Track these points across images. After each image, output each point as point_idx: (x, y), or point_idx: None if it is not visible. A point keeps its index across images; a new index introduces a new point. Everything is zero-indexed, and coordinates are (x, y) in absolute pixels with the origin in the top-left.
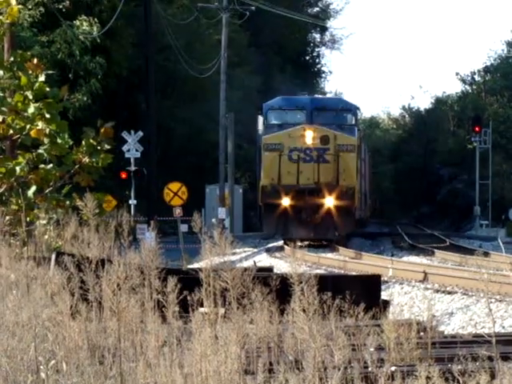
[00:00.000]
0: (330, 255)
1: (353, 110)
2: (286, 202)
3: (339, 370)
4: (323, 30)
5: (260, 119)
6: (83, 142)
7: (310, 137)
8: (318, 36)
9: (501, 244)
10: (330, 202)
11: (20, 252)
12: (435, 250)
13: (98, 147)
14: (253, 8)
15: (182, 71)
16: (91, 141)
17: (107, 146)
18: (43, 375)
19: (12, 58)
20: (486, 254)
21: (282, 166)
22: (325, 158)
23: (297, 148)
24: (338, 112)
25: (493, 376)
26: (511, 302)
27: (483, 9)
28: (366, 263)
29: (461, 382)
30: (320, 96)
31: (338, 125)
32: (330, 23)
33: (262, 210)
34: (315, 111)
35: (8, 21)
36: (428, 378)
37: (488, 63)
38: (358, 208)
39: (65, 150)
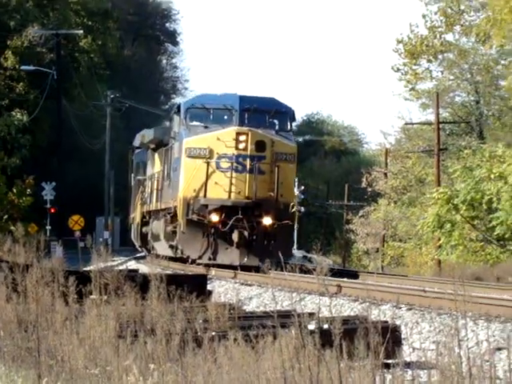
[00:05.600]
0: (177, 263)
1: (289, 112)
2: (213, 219)
3: (178, 334)
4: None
5: (176, 119)
6: (14, 189)
7: (242, 141)
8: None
9: None
10: (267, 221)
11: None
12: None
13: (25, 192)
14: (127, 104)
15: (82, 143)
16: (20, 188)
17: (29, 192)
18: None
19: None
20: None
21: (210, 176)
22: (260, 168)
23: (227, 155)
24: (272, 114)
25: (275, 337)
26: (288, 290)
27: None
28: (197, 268)
29: (254, 342)
30: (249, 95)
31: (273, 129)
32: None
33: (180, 228)
34: (245, 112)
35: None
36: (235, 339)
37: None
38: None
39: (2, 195)
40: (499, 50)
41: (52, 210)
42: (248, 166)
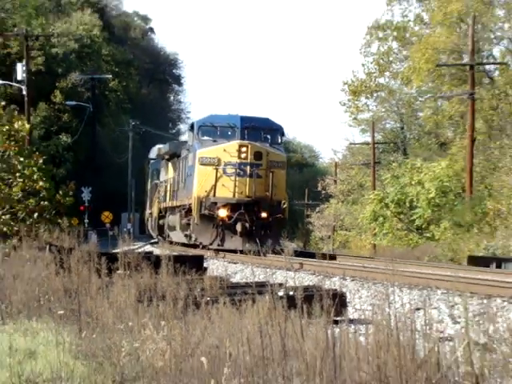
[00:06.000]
0: (187, 247)
1: (280, 129)
2: (221, 214)
3: (182, 299)
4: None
5: (190, 135)
6: (60, 192)
7: (244, 152)
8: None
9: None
10: (264, 215)
11: (31, 244)
12: None
13: (68, 194)
14: (144, 130)
15: (110, 158)
16: (64, 191)
17: (71, 194)
18: (42, 302)
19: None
20: None
21: (218, 179)
22: (258, 173)
23: (231, 163)
24: (266, 131)
25: (254, 301)
26: (263, 267)
27: None
28: (200, 251)
29: (238, 305)
30: (248, 115)
31: (267, 142)
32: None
33: (194, 221)
34: (245, 129)
35: (24, 133)
36: (224, 303)
37: None
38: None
39: (51, 196)
40: (418, 90)
41: (89, 208)
42: (248, 172)
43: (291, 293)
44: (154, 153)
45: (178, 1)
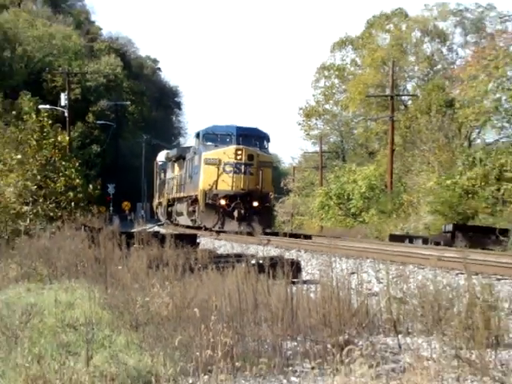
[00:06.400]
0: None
1: (267, 137)
2: (222, 203)
3: (181, 266)
4: None
5: (196, 141)
6: (91, 186)
7: (239, 154)
8: None
9: None
10: (255, 204)
11: (71, 225)
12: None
13: (97, 188)
14: (153, 142)
15: (129, 162)
16: (94, 186)
17: (99, 188)
18: (78, 268)
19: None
20: None
21: (219, 176)
22: (250, 171)
23: (229, 163)
24: (256, 138)
25: (233, 268)
26: (241, 242)
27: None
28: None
29: (222, 270)
30: (242, 125)
31: (257, 147)
32: None
33: (200, 209)
34: (240, 136)
35: (65, 144)
36: (211, 268)
37: None
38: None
39: (85, 190)
40: (353, 114)
41: (112, 199)
42: (243, 170)
43: (261, 261)
44: (161, 157)
45: (178, 48)
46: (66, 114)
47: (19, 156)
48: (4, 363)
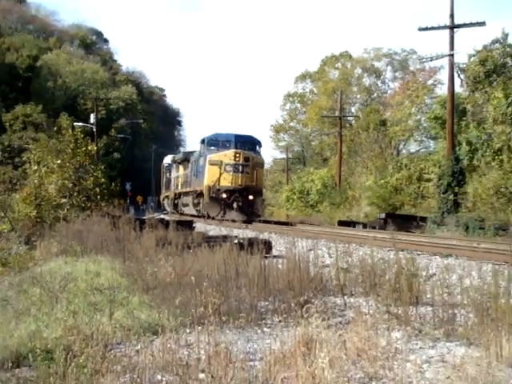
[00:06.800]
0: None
1: (259, 143)
2: (223, 196)
3: (181, 244)
4: None
5: (201, 146)
6: (113, 184)
7: (238, 157)
8: None
9: None
10: (251, 197)
11: (97, 213)
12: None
13: (117, 185)
14: (160, 150)
15: (141, 165)
16: (115, 183)
17: (119, 185)
18: (103, 245)
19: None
20: None
21: (221, 174)
22: (247, 170)
23: (229, 163)
24: (251, 143)
25: (221, 246)
26: (226, 226)
27: None
28: (207, 220)
29: (212, 248)
30: (240, 134)
31: (252, 151)
32: None
33: (205, 201)
34: (238, 142)
35: (93, 152)
36: (204, 246)
37: None
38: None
39: (108, 187)
40: (311, 129)
41: (130, 194)
42: (240, 169)
43: (241, 241)
44: (167, 160)
45: (179, 80)
46: (94, 130)
47: (59, 161)
48: (48, 317)
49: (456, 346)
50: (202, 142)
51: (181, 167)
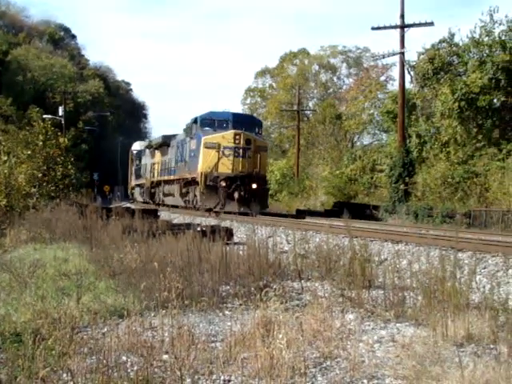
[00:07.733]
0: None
1: (260, 123)
2: (223, 184)
3: (146, 232)
4: None
5: (194, 126)
6: (81, 174)
7: (238, 139)
8: None
9: None
10: (254, 186)
11: (66, 202)
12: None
13: (86, 175)
14: (126, 141)
15: (108, 155)
16: (84, 174)
17: (86, 175)
18: (71, 233)
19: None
20: None
21: (220, 159)
22: (248, 154)
23: (229, 147)
24: (250, 124)
25: (184, 233)
26: (189, 215)
27: None
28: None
29: (176, 235)
30: (237, 112)
31: (253, 132)
32: None
33: (200, 191)
34: (236, 122)
35: (63, 144)
36: (168, 234)
37: None
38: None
39: (76, 177)
40: (271, 123)
41: (97, 184)
42: (241, 153)
43: (204, 229)
44: (135, 146)
45: (144, 74)
46: (63, 122)
47: (29, 152)
48: (17, 301)
49: (405, 326)
50: (194, 121)
51: (157, 153)
